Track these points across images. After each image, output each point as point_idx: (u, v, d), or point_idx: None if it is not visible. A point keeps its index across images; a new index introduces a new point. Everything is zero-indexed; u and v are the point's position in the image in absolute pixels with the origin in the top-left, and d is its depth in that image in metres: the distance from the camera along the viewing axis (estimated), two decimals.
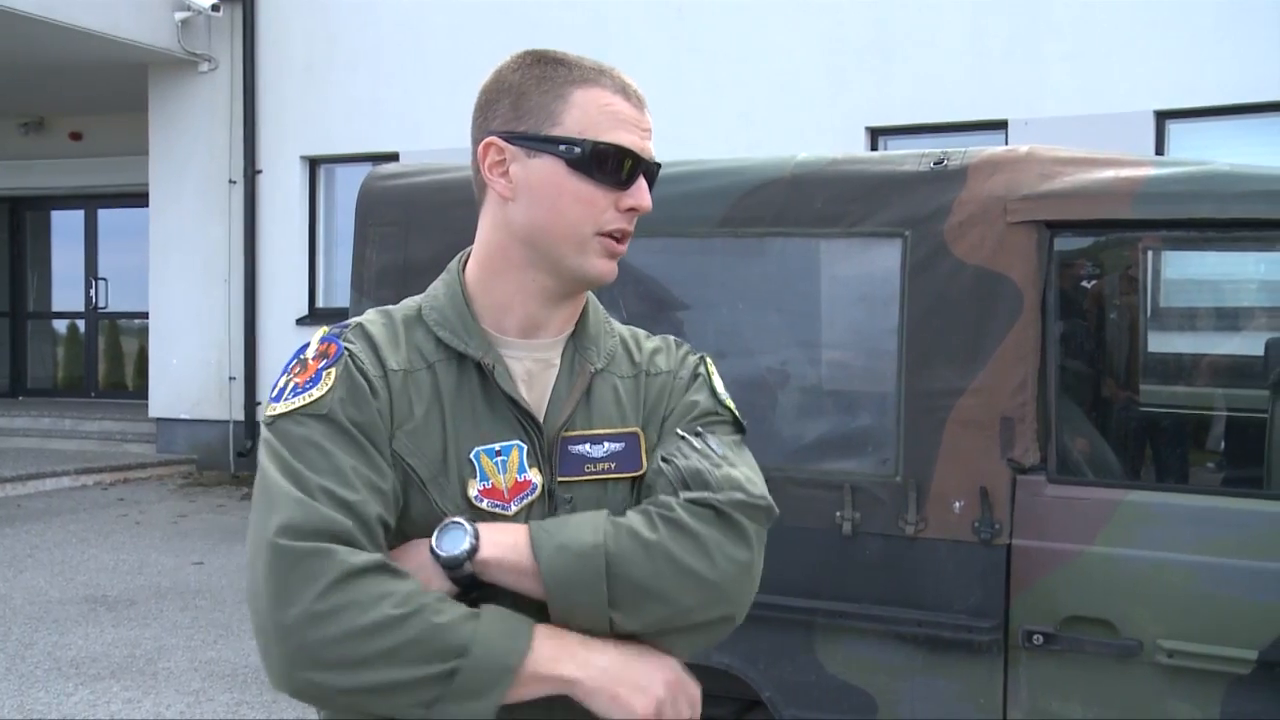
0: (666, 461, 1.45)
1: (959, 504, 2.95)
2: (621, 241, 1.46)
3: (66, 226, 14.56)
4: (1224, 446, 4.36)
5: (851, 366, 3.37)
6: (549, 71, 1.44)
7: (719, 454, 1.46)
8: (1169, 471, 4.23)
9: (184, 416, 11.57)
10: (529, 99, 1.43)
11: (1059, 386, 3.00)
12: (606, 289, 1.52)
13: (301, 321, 10.96)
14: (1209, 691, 2.76)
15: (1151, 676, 2.80)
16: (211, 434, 11.46)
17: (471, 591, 1.35)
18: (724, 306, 3.42)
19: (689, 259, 3.44)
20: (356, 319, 1.48)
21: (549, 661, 1.31)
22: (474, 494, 1.40)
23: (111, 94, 12.36)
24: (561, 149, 1.41)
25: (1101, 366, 4.02)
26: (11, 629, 6.10)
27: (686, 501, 1.39)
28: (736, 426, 1.57)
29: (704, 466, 1.43)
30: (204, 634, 6.08)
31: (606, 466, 1.47)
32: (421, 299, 1.52)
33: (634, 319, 1.68)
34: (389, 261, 3.64)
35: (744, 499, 1.42)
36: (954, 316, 3.00)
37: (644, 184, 1.45)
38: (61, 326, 14.78)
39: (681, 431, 1.49)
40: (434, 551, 1.34)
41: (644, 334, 1.63)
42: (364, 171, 4.06)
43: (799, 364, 3.39)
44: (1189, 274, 7.26)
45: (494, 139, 1.45)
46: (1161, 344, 5.93)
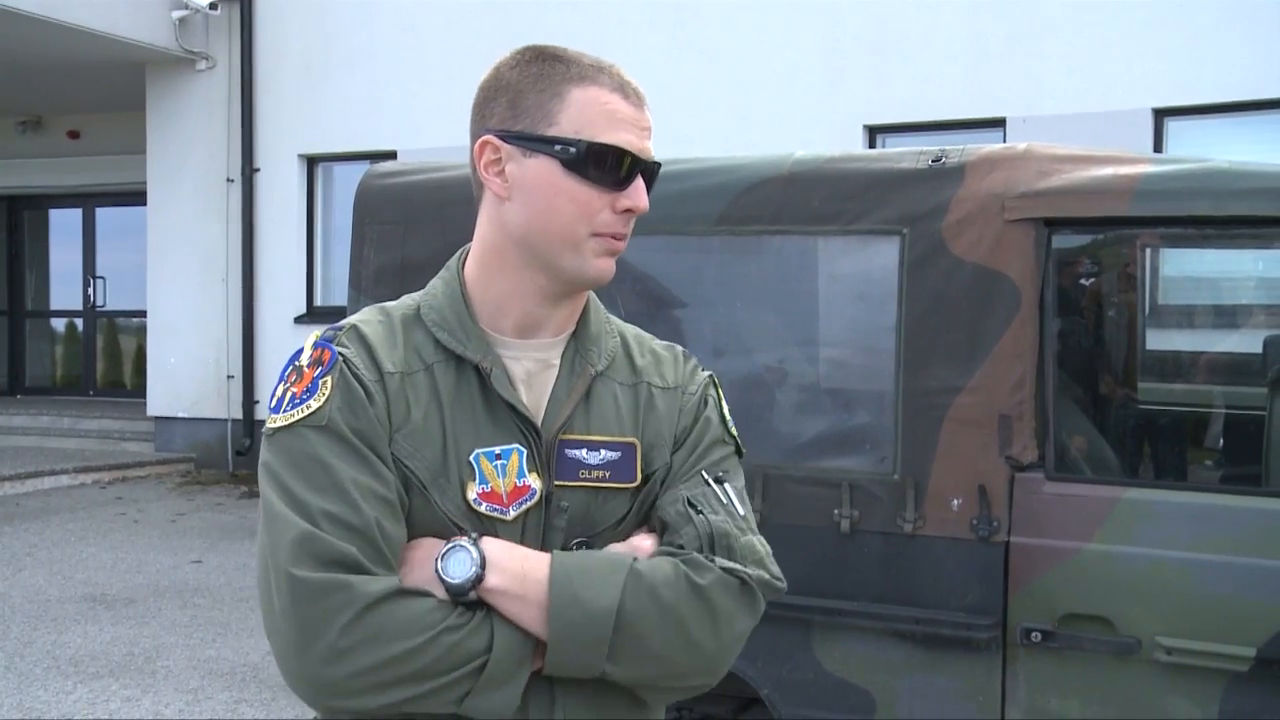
0: (694, 508, 1.44)
1: (957, 502, 2.95)
2: (619, 241, 1.44)
3: (64, 225, 14.54)
4: (1222, 444, 4.35)
5: (849, 364, 3.36)
6: (546, 69, 1.42)
7: (741, 514, 1.47)
8: (1167, 469, 4.23)
9: (182, 415, 11.56)
10: (526, 97, 1.42)
11: (1057, 384, 3.00)
12: (605, 287, 1.50)
13: (300, 320, 10.95)
14: (1207, 689, 2.76)
15: (1150, 674, 2.80)
16: (210, 432, 11.45)
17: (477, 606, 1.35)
18: (722, 305, 3.42)
19: (686, 257, 3.44)
20: (351, 319, 1.46)
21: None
22: (473, 497, 1.39)
23: (109, 93, 12.34)
24: (557, 149, 1.39)
25: (1099, 364, 4.03)
26: (10, 627, 6.10)
27: (721, 571, 1.40)
28: (738, 453, 1.58)
29: (730, 530, 1.44)
30: (202, 632, 6.08)
31: (601, 475, 1.45)
32: (420, 297, 1.50)
33: (631, 317, 1.67)
34: (387, 260, 3.64)
35: (768, 579, 1.44)
36: (952, 314, 3.00)
37: (641, 184, 1.43)
38: (60, 325, 14.77)
39: (706, 475, 1.49)
40: (439, 575, 1.33)
41: (650, 337, 1.61)
42: (362, 170, 4.05)
43: (797, 362, 3.38)
44: (1187, 271, 7.25)
45: (490, 138, 1.43)
46: (1159, 341, 5.93)
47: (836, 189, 3.15)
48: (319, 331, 1.44)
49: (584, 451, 1.45)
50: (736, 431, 1.58)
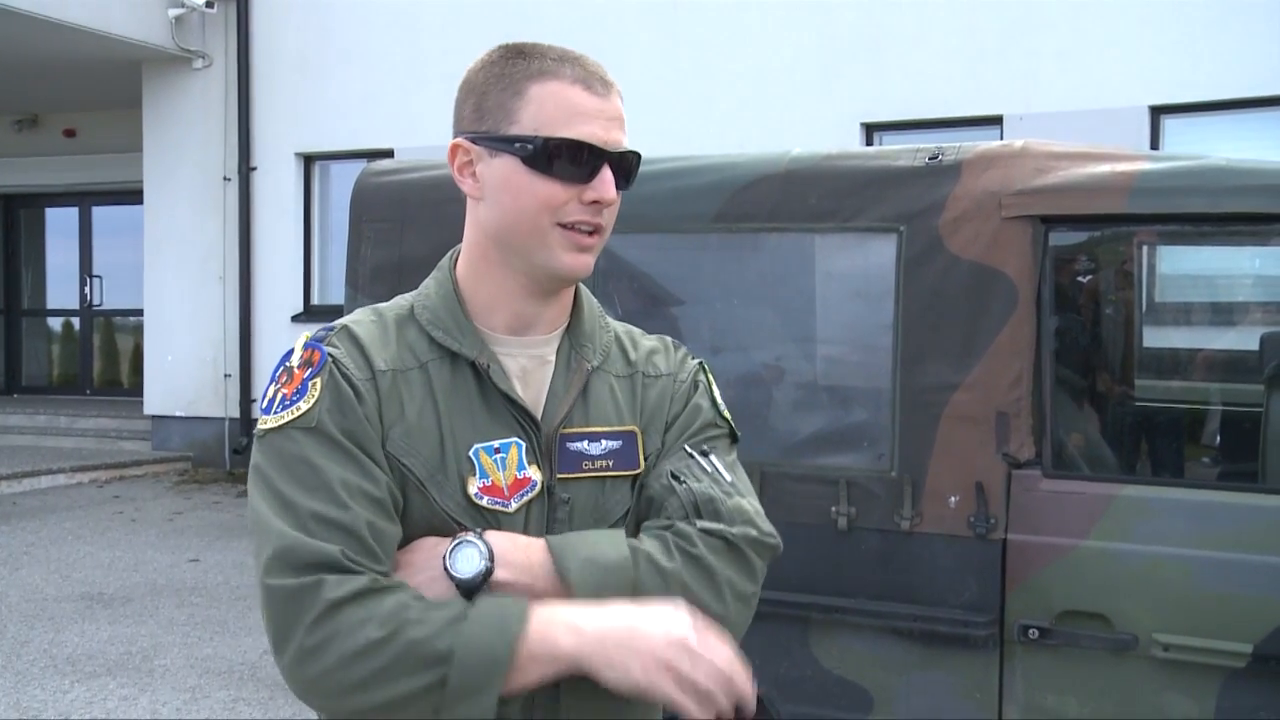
0: (678, 480, 1.46)
1: (954, 499, 2.95)
2: (592, 234, 1.43)
3: (61, 224, 14.53)
4: (1219, 441, 4.36)
5: (846, 362, 3.36)
6: (508, 68, 1.43)
7: (728, 480, 1.48)
8: (1164, 466, 4.23)
9: (179, 414, 11.56)
10: (489, 98, 1.43)
11: (1054, 381, 3.00)
12: (601, 285, 1.51)
13: (297, 318, 10.95)
14: (1204, 685, 2.76)
15: (1147, 670, 2.80)
16: (207, 431, 11.45)
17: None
18: (719, 302, 3.42)
19: (683, 255, 3.43)
20: (343, 320, 1.47)
21: (542, 641, 1.28)
22: (474, 491, 1.39)
23: (106, 91, 12.33)
24: (516, 147, 1.40)
25: (1097, 361, 4.03)
26: (7, 626, 6.09)
27: (702, 532, 1.41)
28: (733, 439, 1.58)
29: (716, 494, 1.44)
30: (200, 631, 6.08)
31: (605, 464, 1.46)
32: (413, 297, 1.51)
33: (628, 315, 1.67)
34: (384, 258, 3.64)
35: (755, 535, 1.44)
36: (949, 312, 3.00)
37: (607, 175, 1.41)
38: (56, 324, 14.76)
39: (690, 449, 1.50)
40: (448, 571, 1.33)
41: (640, 332, 1.63)
42: (358, 168, 4.05)
43: (794, 360, 3.38)
44: (1184, 269, 7.26)
45: (460, 140, 1.45)
46: (1156, 339, 5.92)
47: (833, 186, 3.15)
48: (310, 332, 1.45)
49: (585, 443, 1.46)
50: (730, 416, 1.58)
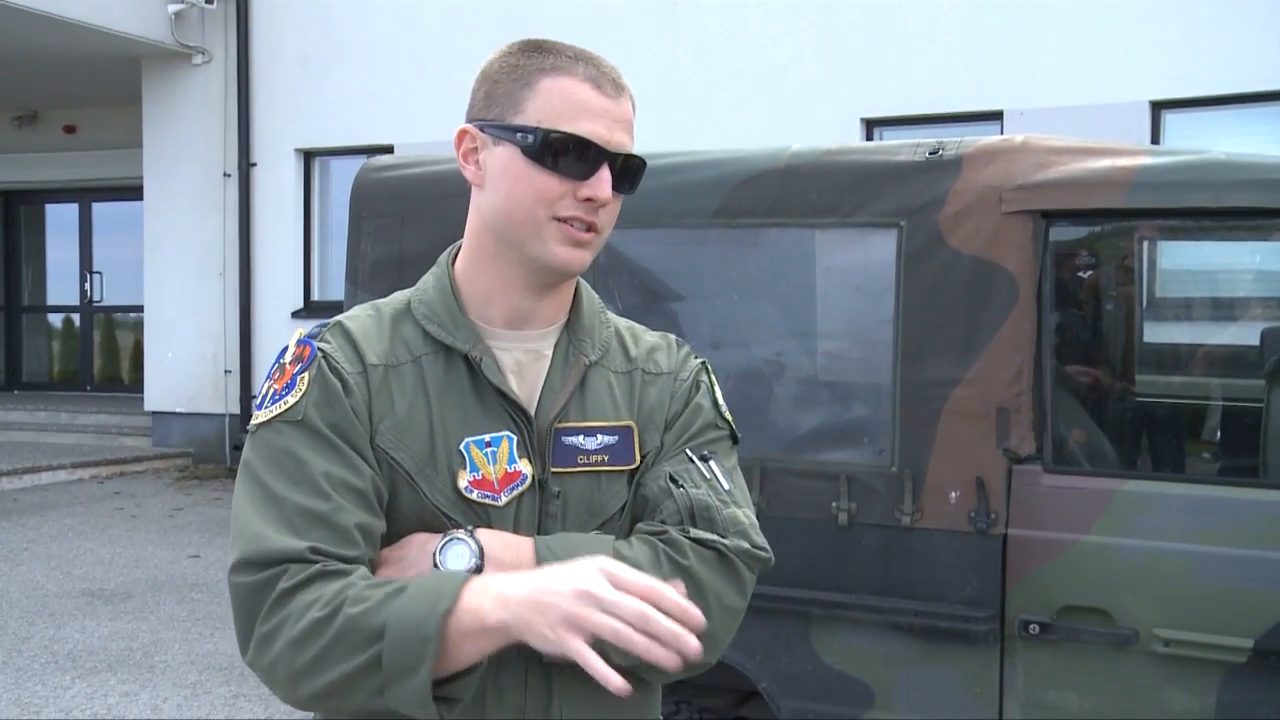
0: (676, 484, 1.45)
1: (955, 494, 2.95)
2: (588, 231, 1.43)
3: (61, 220, 14.53)
4: (1220, 436, 4.36)
5: (847, 357, 3.36)
6: (524, 60, 1.43)
7: (725, 488, 1.47)
8: (1165, 461, 4.23)
9: (180, 410, 11.56)
10: (500, 87, 1.44)
11: (1054, 376, 3.00)
12: (602, 280, 1.51)
13: (297, 314, 10.94)
14: (1205, 680, 2.76)
15: (1148, 666, 2.80)
16: (207, 427, 11.45)
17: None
18: (719, 297, 3.41)
19: (683, 250, 3.43)
20: (338, 317, 1.48)
21: (472, 613, 1.25)
22: (464, 485, 1.40)
23: (105, 87, 12.33)
24: (519, 137, 1.40)
25: (1097, 356, 4.02)
26: (8, 622, 6.10)
27: (694, 543, 1.40)
28: (733, 440, 1.57)
29: (712, 502, 1.44)
30: (200, 627, 6.08)
31: (600, 459, 1.46)
32: (411, 292, 1.52)
33: (629, 310, 1.67)
34: (384, 253, 3.64)
35: (748, 549, 1.43)
36: (949, 307, 2.99)
37: (605, 175, 1.41)
38: (57, 320, 14.77)
39: (690, 453, 1.49)
40: (438, 568, 1.34)
41: (642, 329, 1.62)
42: (358, 164, 4.04)
43: (794, 355, 3.38)
44: (1185, 263, 7.25)
45: (468, 126, 1.46)
46: (1157, 334, 5.92)
47: (834, 181, 3.14)
48: (303, 329, 1.46)
49: (581, 438, 1.46)
50: (731, 417, 1.58)
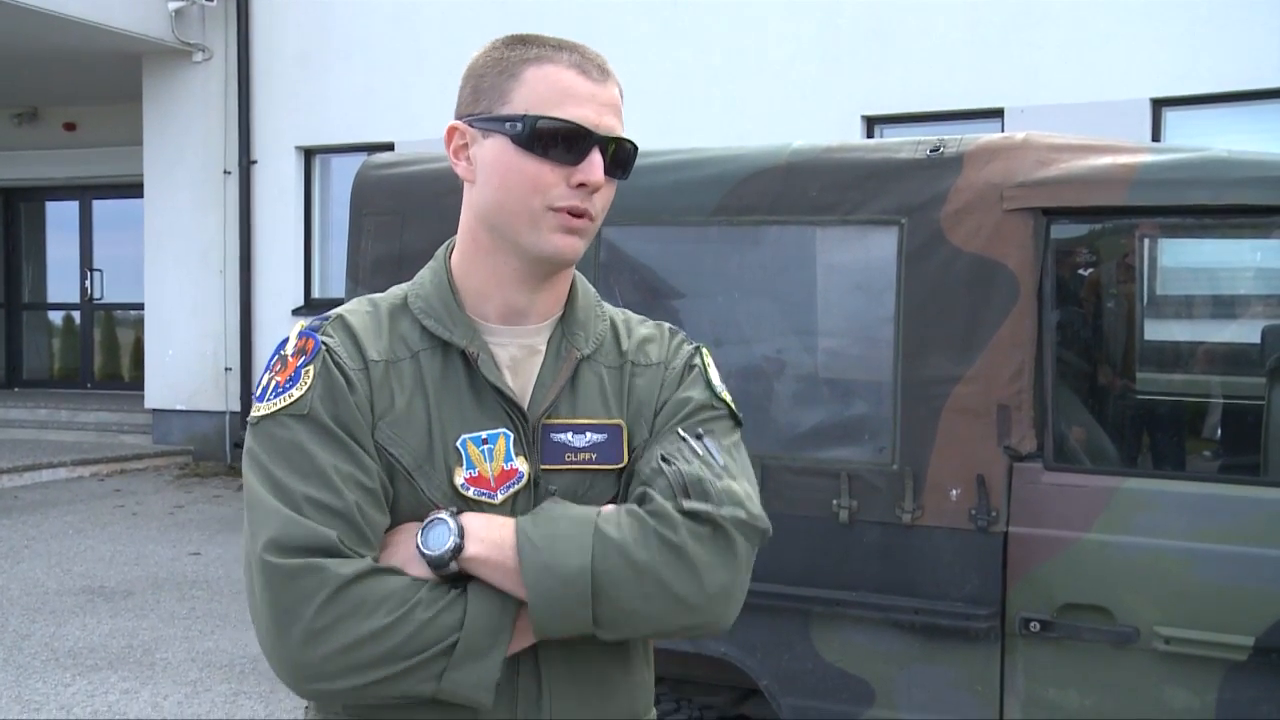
0: (667, 462, 1.43)
1: (955, 492, 2.95)
2: (581, 218, 1.42)
3: (61, 217, 14.51)
4: (1220, 434, 4.36)
5: (848, 355, 3.36)
6: (508, 53, 1.44)
7: (720, 463, 1.45)
8: (1165, 459, 4.23)
9: (180, 407, 11.56)
10: (485, 80, 1.44)
11: (1055, 374, 3.00)
12: (603, 278, 1.51)
13: (297, 312, 10.93)
14: (1206, 678, 2.76)
15: (1148, 663, 2.80)
16: (208, 425, 11.45)
17: (459, 581, 1.35)
18: (719, 295, 3.41)
19: (684, 247, 3.43)
20: (338, 310, 1.48)
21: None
22: (460, 482, 1.40)
23: (105, 84, 12.32)
24: (508, 127, 1.41)
25: (1098, 354, 4.02)
26: (9, 620, 6.10)
27: (685, 513, 1.37)
28: (734, 420, 1.54)
29: (705, 475, 1.41)
30: (201, 624, 6.08)
31: (587, 457, 1.46)
32: (408, 287, 1.52)
33: (629, 307, 1.66)
34: (384, 251, 3.64)
35: (743, 518, 1.41)
36: (950, 304, 2.99)
37: (596, 159, 1.41)
38: (57, 318, 14.75)
39: (683, 432, 1.47)
40: (420, 549, 1.35)
41: (638, 319, 1.61)
42: (359, 161, 4.04)
43: (795, 352, 3.38)
44: (1185, 261, 7.25)
45: (456, 123, 1.46)
46: (1158, 331, 5.92)
47: (835, 179, 3.14)
48: (304, 321, 1.45)
49: (569, 435, 1.46)
50: (730, 398, 1.55)
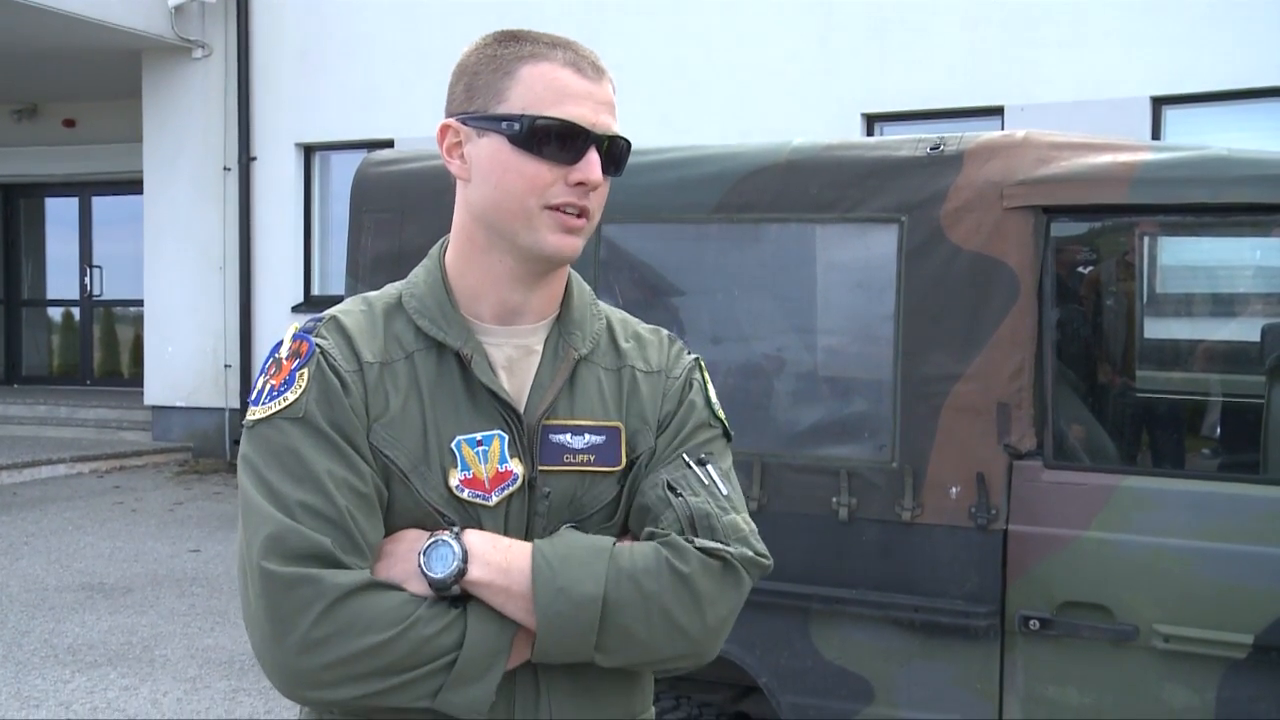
0: (674, 491, 1.44)
1: (955, 489, 2.95)
2: (579, 217, 1.42)
3: (60, 214, 14.51)
4: (1220, 432, 4.36)
5: (847, 352, 3.36)
6: (501, 50, 1.43)
7: (724, 493, 1.47)
8: (1165, 457, 4.23)
9: (180, 404, 11.56)
10: (479, 79, 1.43)
11: (1055, 372, 3.00)
12: (602, 275, 1.50)
13: (297, 309, 10.94)
14: (1205, 676, 2.76)
15: (1148, 661, 2.80)
16: (207, 421, 11.45)
17: (459, 601, 1.35)
18: (719, 293, 3.41)
19: (684, 245, 3.43)
20: (332, 310, 1.47)
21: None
22: (455, 484, 1.39)
23: (105, 80, 12.31)
24: (504, 126, 1.40)
25: (1098, 352, 4.02)
26: (8, 616, 6.10)
27: (701, 552, 1.39)
28: (727, 438, 1.57)
29: (712, 510, 1.43)
30: (200, 621, 6.08)
31: (586, 459, 1.45)
32: (402, 286, 1.51)
33: (629, 305, 1.67)
34: (384, 248, 3.63)
35: (750, 556, 1.43)
36: (950, 302, 2.99)
37: (594, 158, 1.41)
38: (56, 314, 14.75)
39: (687, 458, 1.48)
40: (422, 570, 1.34)
41: (635, 322, 1.61)
42: (359, 158, 4.04)
43: (795, 350, 3.38)
44: (1186, 259, 7.25)
45: (450, 121, 1.46)
46: (1158, 329, 5.92)
47: (835, 177, 3.14)
48: (298, 323, 1.45)
49: (568, 436, 1.45)
50: (724, 414, 1.57)
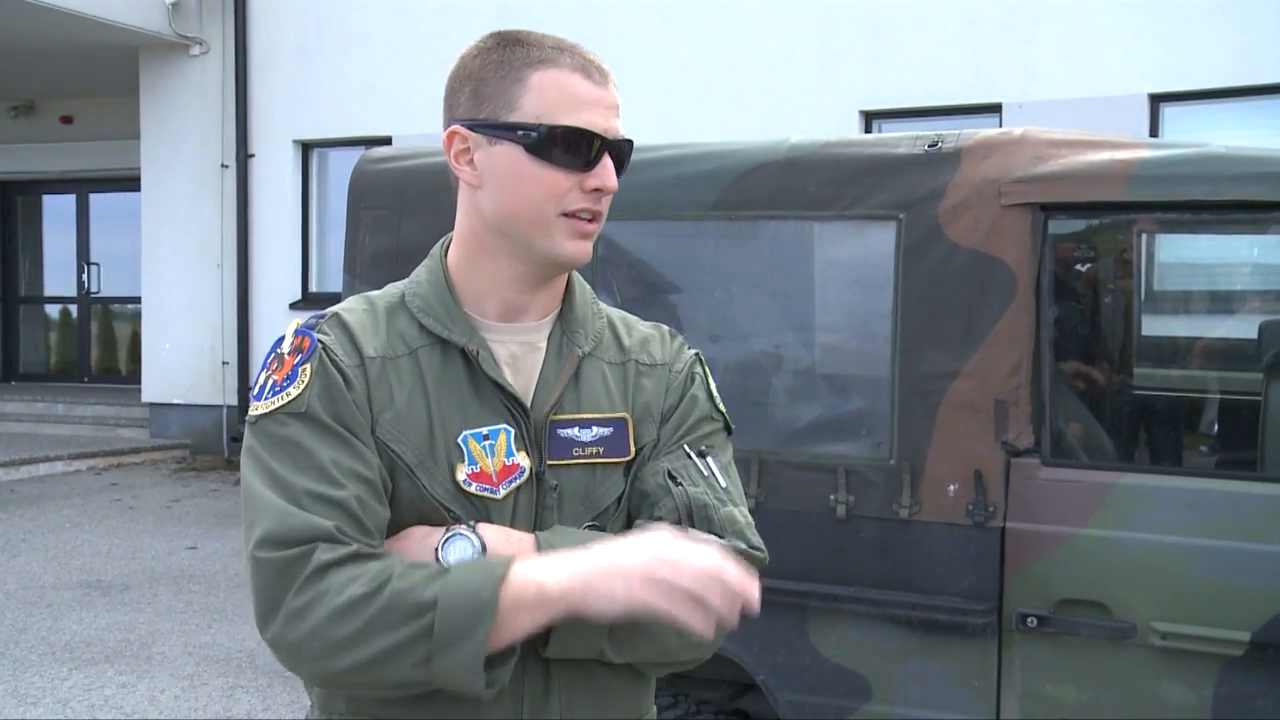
0: (674, 480, 1.45)
1: (953, 487, 2.95)
2: (592, 221, 1.44)
3: (58, 211, 14.50)
4: (1217, 429, 4.36)
5: (845, 350, 3.36)
6: (507, 55, 1.43)
7: (722, 485, 1.48)
8: (1163, 454, 4.23)
9: (177, 401, 11.55)
10: (488, 85, 1.43)
11: (1053, 370, 3.00)
12: (600, 273, 1.51)
13: (295, 306, 10.94)
14: (1202, 673, 2.76)
15: (1145, 659, 2.81)
16: (205, 419, 11.44)
17: None
18: (718, 290, 3.41)
19: (682, 242, 3.43)
20: (334, 308, 1.48)
21: (526, 585, 1.27)
22: (462, 478, 1.40)
23: (102, 77, 12.29)
24: (520, 135, 1.40)
25: (1096, 349, 4.02)
26: (5, 614, 6.10)
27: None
28: (728, 431, 1.59)
29: (710, 501, 1.44)
30: (198, 618, 6.08)
31: (595, 451, 1.46)
32: (405, 285, 1.52)
33: (627, 303, 1.67)
34: (382, 245, 3.63)
35: (745, 549, 1.44)
36: (948, 300, 2.99)
37: (609, 163, 1.42)
38: (54, 311, 14.75)
39: (688, 449, 1.49)
40: (439, 562, 1.34)
41: (635, 319, 1.62)
42: (356, 155, 4.04)
43: (793, 348, 3.38)
44: (1183, 257, 7.26)
45: (457, 128, 1.45)
46: (1155, 327, 5.93)
47: (833, 174, 3.14)
48: (300, 319, 1.45)
49: (576, 430, 1.46)
50: (725, 409, 1.59)
